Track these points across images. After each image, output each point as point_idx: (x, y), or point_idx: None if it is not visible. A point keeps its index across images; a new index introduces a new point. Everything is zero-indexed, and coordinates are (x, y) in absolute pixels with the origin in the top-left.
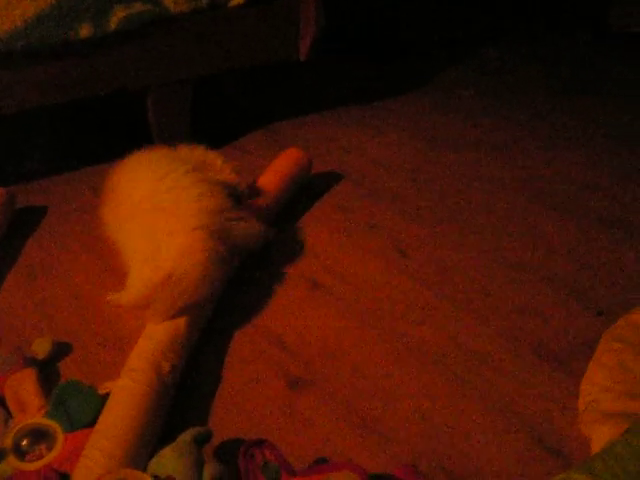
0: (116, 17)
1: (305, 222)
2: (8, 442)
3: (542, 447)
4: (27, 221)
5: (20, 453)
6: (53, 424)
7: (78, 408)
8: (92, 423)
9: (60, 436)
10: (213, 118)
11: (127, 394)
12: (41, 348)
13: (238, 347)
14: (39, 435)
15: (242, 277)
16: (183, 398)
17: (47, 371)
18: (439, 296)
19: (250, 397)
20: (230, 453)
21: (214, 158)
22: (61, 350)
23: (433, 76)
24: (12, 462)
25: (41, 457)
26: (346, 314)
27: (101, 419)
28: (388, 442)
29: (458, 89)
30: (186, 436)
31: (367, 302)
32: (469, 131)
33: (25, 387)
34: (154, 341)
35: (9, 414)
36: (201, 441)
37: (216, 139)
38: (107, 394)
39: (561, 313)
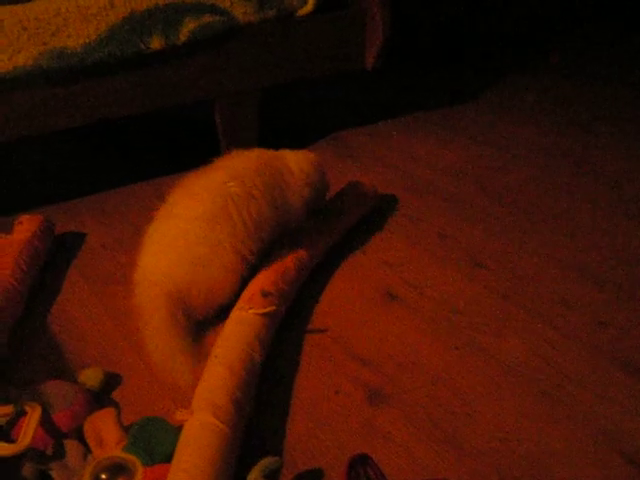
0: (186, 29)
1: (376, 233)
2: (87, 477)
3: (633, 466)
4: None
5: None
6: (132, 458)
7: (156, 442)
8: (170, 457)
9: (139, 470)
10: (278, 127)
11: (211, 434)
12: (92, 379)
13: (315, 360)
14: (118, 469)
15: (316, 288)
16: (260, 411)
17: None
18: (518, 308)
19: (329, 411)
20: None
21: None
22: (113, 381)
23: (495, 80)
24: None
25: None
26: (424, 326)
27: (182, 455)
28: (471, 458)
29: (521, 93)
30: (256, 471)
31: (445, 314)
32: (536, 137)
33: (105, 424)
34: (235, 375)
35: (88, 450)
36: (273, 476)
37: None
38: (180, 426)
39: None
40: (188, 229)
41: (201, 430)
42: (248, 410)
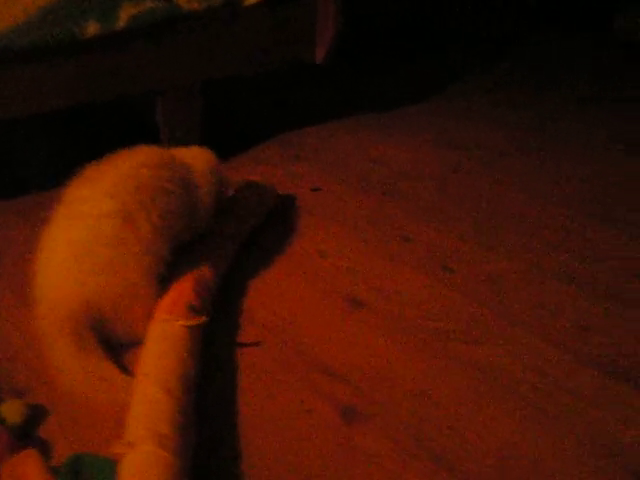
0: (125, 14)
1: (333, 236)
2: None
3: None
4: None
5: None
6: None
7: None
8: None
9: None
10: (224, 127)
11: (160, 467)
12: (13, 414)
13: (278, 374)
14: None
15: (272, 296)
16: (222, 433)
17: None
18: (494, 313)
19: (302, 432)
20: None
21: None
22: (38, 412)
23: (449, 82)
24: None
25: None
26: (395, 335)
27: None
28: (462, 477)
29: (475, 96)
30: None
31: (417, 321)
32: (494, 138)
33: (27, 468)
34: (173, 397)
35: None
36: None
37: (228, 149)
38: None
39: (623, 328)
40: (93, 230)
41: (147, 463)
42: (193, 436)
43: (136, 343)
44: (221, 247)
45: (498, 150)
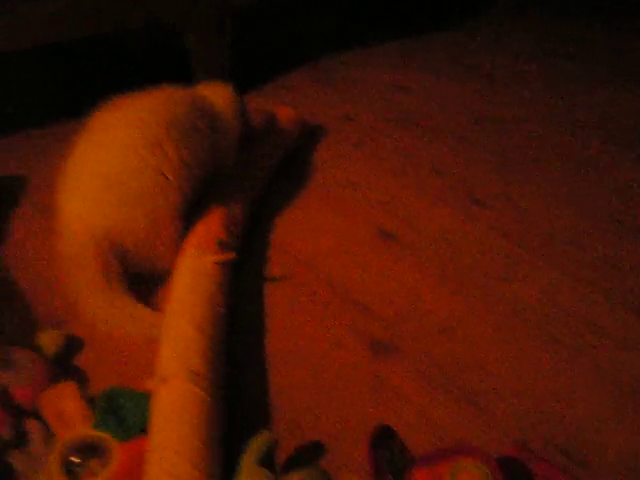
0: None
1: (365, 167)
2: (54, 463)
3: None
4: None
5: (71, 474)
6: (104, 435)
7: (127, 413)
8: (144, 428)
9: (115, 447)
10: (253, 53)
11: (193, 403)
12: (51, 343)
13: (310, 307)
14: (89, 450)
15: (303, 228)
16: (253, 369)
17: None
18: (523, 249)
19: (332, 365)
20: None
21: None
22: (74, 344)
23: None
24: None
25: (95, 475)
26: (425, 269)
27: (162, 430)
28: (491, 417)
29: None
30: (250, 456)
31: (446, 255)
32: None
33: (66, 398)
34: (204, 334)
35: (49, 430)
36: (269, 457)
37: (258, 77)
38: (149, 394)
39: None
40: (120, 159)
41: (179, 398)
42: (224, 373)
43: (164, 278)
44: (249, 180)
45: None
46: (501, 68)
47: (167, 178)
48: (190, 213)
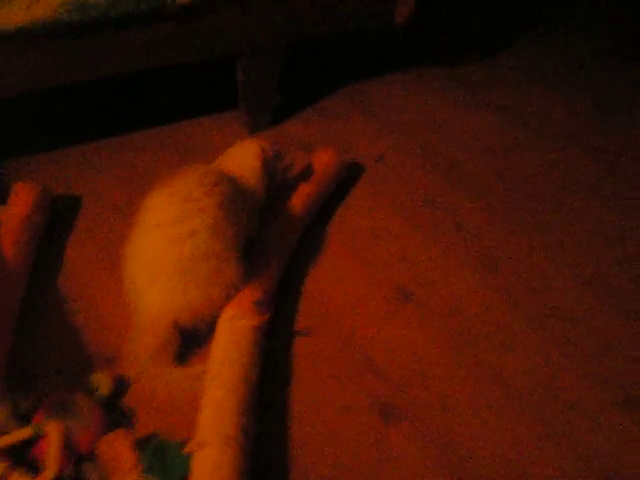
0: None
1: (391, 215)
2: None
3: None
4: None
5: None
6: None
7: (171, 467)
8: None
9: None
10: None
11: (226, 466)
12: (104, 386)
13: (328, 366)
14: None
15: (328, 280)
16: (271, 422)
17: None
18: (527, 319)
19: (342, 426)
20: None
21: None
22: (121, 385)
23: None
24: None
25: None
26: (435, 334)
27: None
28: None
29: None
30: None
31: (456, 320)
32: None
33: (119, 446)
34: (238, 398)
35: (104, 475)
36: None
37: (296, 100)
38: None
39: None
40: (191, 247)
41: (214, 462)
42: (254, 432)
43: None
44: (286, 239)
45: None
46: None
47: (229, 259)
48: None
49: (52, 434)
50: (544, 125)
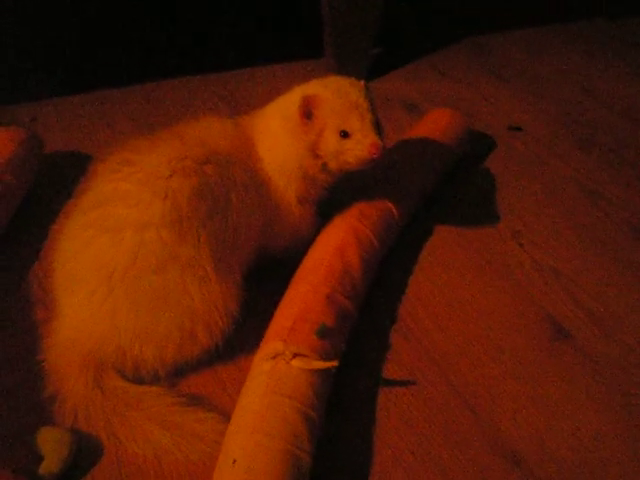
0: None
1: (536, 209)
2: None
3: None
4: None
5: None
6: None
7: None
8: None
9: None
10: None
11: None
12: (50, 453)
13: (416, 436)
14: None
15: (440, 304)
16: None
17: None
18: None
19: None
20: None
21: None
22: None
23: None
24: None
25: None
26: (604, 396)
27: None
28: None
29: None
30: None
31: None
32: None
33: None
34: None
35: None
36: None
37: (403, 52)
38: None
39: None
40: (134, 247)
41: None
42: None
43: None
44: (373, 227)
45: None
46: None
47: (203, 267)
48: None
49: None
50: None
